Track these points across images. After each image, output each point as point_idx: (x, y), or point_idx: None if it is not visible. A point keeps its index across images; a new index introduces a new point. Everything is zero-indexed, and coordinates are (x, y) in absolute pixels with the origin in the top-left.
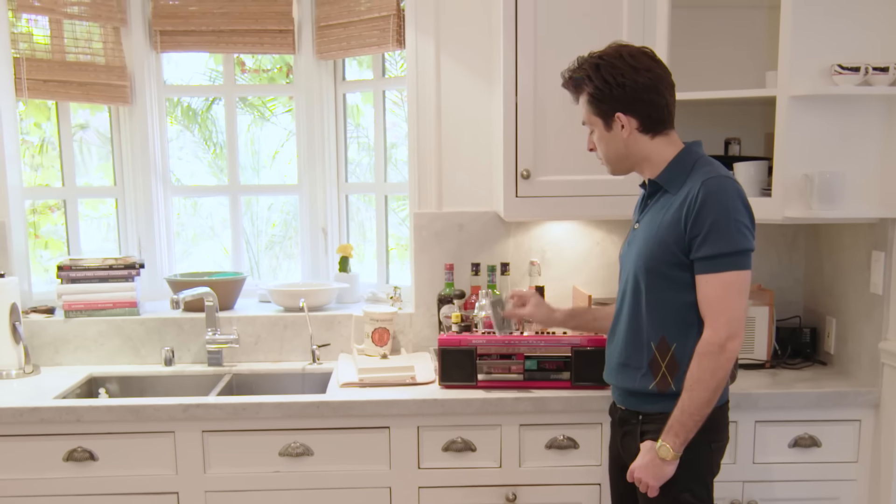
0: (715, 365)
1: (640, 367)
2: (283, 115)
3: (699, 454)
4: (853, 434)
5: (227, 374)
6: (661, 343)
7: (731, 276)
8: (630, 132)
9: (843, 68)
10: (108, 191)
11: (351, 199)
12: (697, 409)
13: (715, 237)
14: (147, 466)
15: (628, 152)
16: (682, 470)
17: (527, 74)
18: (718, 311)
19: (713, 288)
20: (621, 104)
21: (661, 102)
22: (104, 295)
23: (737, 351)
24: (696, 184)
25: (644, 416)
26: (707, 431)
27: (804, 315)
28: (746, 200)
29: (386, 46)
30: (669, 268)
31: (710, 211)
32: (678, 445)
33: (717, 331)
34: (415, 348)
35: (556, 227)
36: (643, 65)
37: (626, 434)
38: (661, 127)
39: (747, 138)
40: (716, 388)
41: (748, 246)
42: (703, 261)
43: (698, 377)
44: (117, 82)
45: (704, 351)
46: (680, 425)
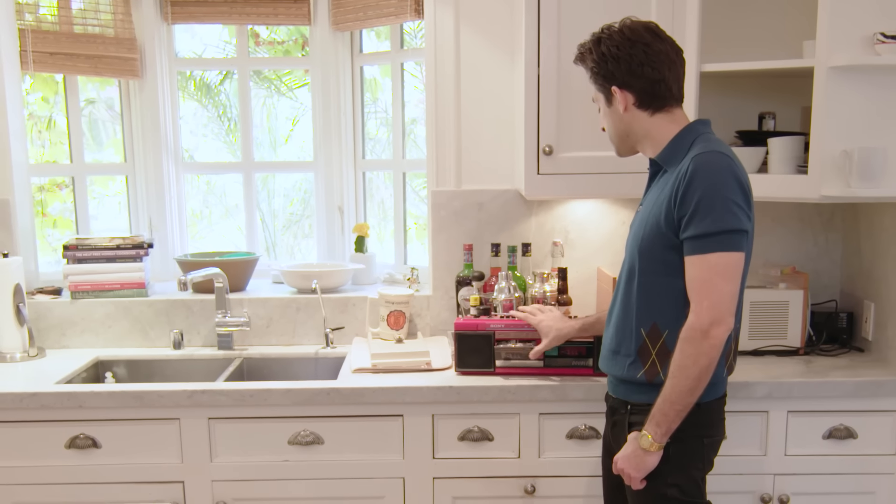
0: (697, 351)
1: (629, 355)
2: (298, 89)
3: (690, 449)
4: (891, 425)
5: (238, 358)
6: (653, 329)
7: (717, 258)
8: (627, 107)
9: (886, 37)
10: (117, 168)
11: (370, 176)
12: (679, 398)
13: (701, 216)
14: (151, 454)
15: (628, 129)
16: (670, 465)
17: (550, 45)
18: (702, 295)
19: (698, 270)
20: (616, 78)
21: (657, 77)
22: (111, 275)
23: (722, 338)
24: (687, 160)
25: (632, 407)
26: (699, 426)
27: (840, 299)
28: (742, 178)
29: (404, 16)
30: (662, 250)
31: (697, 188)
32: (660, 435)
33: (700, 315)
34: (432, 332)
35: (580, 205)
36: (641, 39)
37: (615, 424)
38: (661, 103)
39: (783, 112)
40: (698, 377)
41: (738, 226)
42: (690, 241)
43: (680, 364)
44: (127, 55)
45: (687, 337)
46: (662, 415)
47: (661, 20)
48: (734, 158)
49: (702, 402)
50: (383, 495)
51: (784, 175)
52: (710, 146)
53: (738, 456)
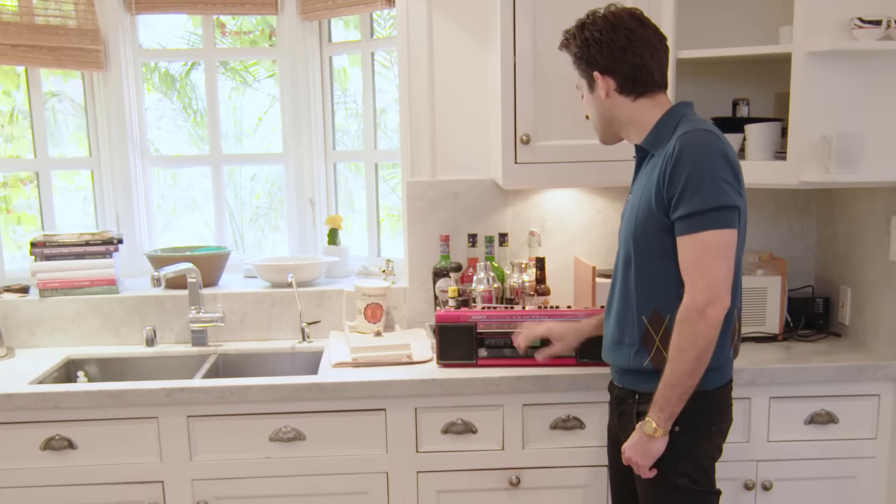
0: (694, 332)
1: (633, 344)
2: (266, 80)
3: (699, 438)
4: (872, 409)
5: (213, 354)
6: (654, 316)
7: (709, 236)
8: (609, 93)
9: (864, 21)
10: (83, 162)
11: (338, 168)
12: (680, 381)
13: (690, 194)
14: (129, 454)
15: (611, 115)
16: (680, 454)
17: (526, 32)
18: (696, 275)
19: (691, 250)
20: (599, 64)
21: (639, 63)
22: (81, 272)
23: (719, 317)
24: (674, 140)
25: (640, 396)
26: (708, 413)
27: (816, 285)
28: (730, 154)
29: (374, 5)
30: (656, 234)
31: (685, 166)
32: (663, 420)
33: (695, 296)
34: (409, 324)
35: (557, 195)
36: (624, 24)
37: (623, 414)
38: (643, 89)
39: (756, 99)
40: (697, 358)
41: (728, 202)
42: (681, 221)
43: (678, 346)
44: (90, 46)
45: (683, 318)
46: (664, 399)
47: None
48: (720, 136)
49: (709, 389)
50: (367, 490)
51: (762, 161)
52: (695, 125)
53: None
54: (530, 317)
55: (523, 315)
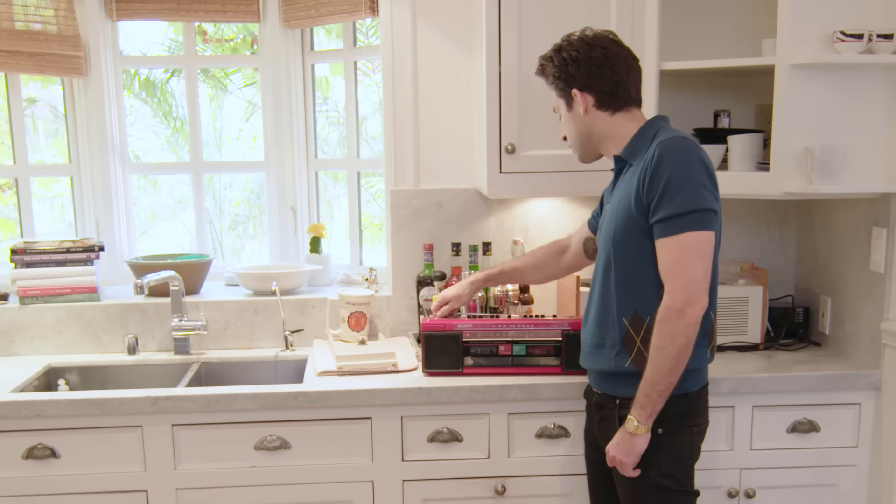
0: (674, 331)
1: (614, 346)
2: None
3: (681, 439)
4: (853, 418)
5: (196, 362)
6: (635, 317)
7: (687, 238)
8: (587, 108)
9: (846, 35)
10: (62, 169)
11: (318, 176)
12: (661, 378)
13: (669, 197)
14: (113, 463)
15: (590, 131)
16: (664, 455)
17: (511, 42)
18: (675, 275)
19: (670, 251)
20: (577, 81)
21: (616, 78)
22: (62, 280)
23: (697, 316)
24: (653, 148)
25: (621, 401)
26: (689, 415)
27: (796, 294)
28: (706, 161)
29: (358, 14)
30: (635, 238)
31: (664, 171)
32: (644, 417)
33: (674, 295)
34: (393, 333)
35: (540, 204)
36: (600, 43)
37: (604, 419)
38: (620, 104)
39: (737, 110)
40: (677, 356)
41: (706, 205)
42: (660, 223)
43: (658, 344)
44: (71, 52)
45: (663, 317)
46: (645, 397)
47: (621, 16)
48: (697, 144)
49: (689, 392)
50: (352, 499)
51: (745, 172)
52: (673, 133)
53: (706, 451)
54: (515, 325)
55: (509, 324)
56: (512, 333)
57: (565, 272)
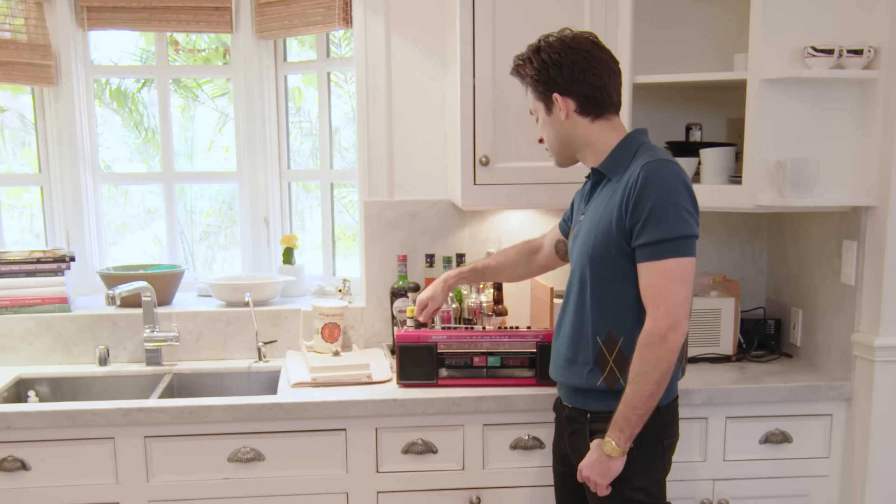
0: (657, 356)
1: (586, 363)
2: (218, 98)
3: (652, 453)
4: (825, 429)
5: (168, 373)
6: (608, 337)
7: (672, 264)
8: (568, 114)
9: (817, 50)
10: (32, 178)
11: (291, 187)
12: (641, 403)
13: (654, 223)
14: (85, 475)
15: (569, 137)
16: (636, 469)
17: (485, 55)
18: (659, 301)
19: (654, 276)
20: (558, 85)
21: (598, 83)
22: (32, 290)
23: (680, 341)
24: (636, 168)
25: (592, 415)
26: (659, 428)
27: (768, 306)
28: (690, 185)
29: (332, 25)
30: (614, 258)
31: (649, 195)
32: (623, 441)
33: (658, 321)
34: (366, 344)
35: (514, 215)
36: (582, 46)
37: (574, 433)
38: (601, 110)
39: (708, 123)
40: (658, 381)
41: (690, 232)
42: (644, 248)
43: (640, 369)
44: (41, 62)
45: (645, 342)
46: (624, 420)
47: (594, 29)
48: (680, 166)
49: (660, 406)
50: None
51: (717, 185)
52: (657, 154)
53: (679, 462)
54: (490, 337)
55: (483, 335)
56: (486, 345)
57: (537, 272)
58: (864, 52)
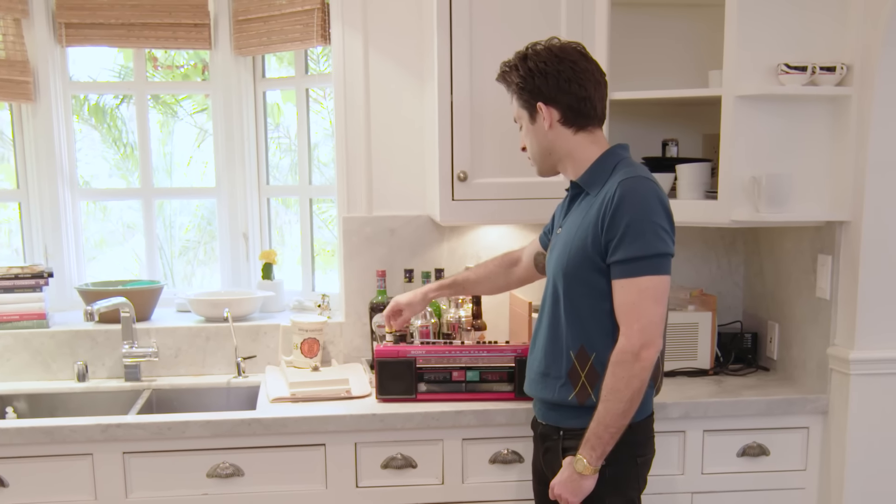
0: (629, 374)
1: (559, 377)
2: (197, 114)
3: (626, 470)
4: (801, 442)
5: (147, 389)
6: (581, 352)
7: (647, 282)
8: (552, 123)
9: (790, 67)
10: (9, 194)
11: (271, 202)
12: (613, 421)
13: (630, 240)
14: (63, 492)
15: (552, 147)
16: (608, 486)
17: (463, 71)
18: (632, 318)
19: (627, 294)
20: (543, 94)
21: (583, 94)
22: (10, 306)
23: (653, 360)
24: (613, 184)
25: (565, 432)
26: (633, 445)
27: (745, 320)
28: (666, 203)
29: (310, 42)
30: (588, 273)
31: (625, 212)
32: (595, 459)
33: (631, 339)
34: (346, 359)
35: (492, 231)
36: (569, 56)
37: (548, 450)
38: (584, 122)
39: (685, 139)
40: (631, 399)
41: (666, 250)
42: (618, 265)
43: (612, 387)
44: (19, 78)
45: (618, 360)
46: (596, 438)
47: None
48: (657, 183)
49: (633, 423)
50: None
51: (693, 200)
52: (634, 171)
53: (657, 475)
54: (468, 351)
55: (462, 350)
56: (465, 359)
57: (516, 284)
58: (837, 69)
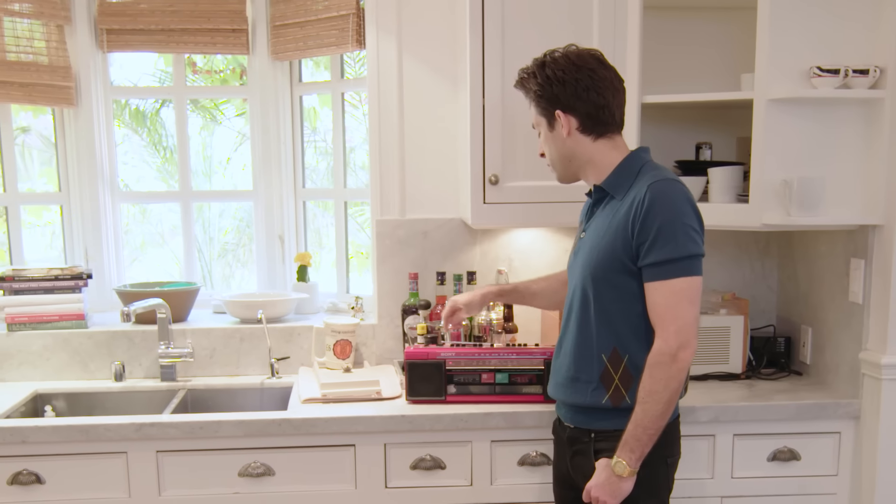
0: (667, 376)
1: (591, 381)
2: (235, 118)
3: (656, 471)
4: (833, 447)
5: (182, 389)
6: (613, 354)
7: (681, 283)
8: (570, 131)
9: (822, 70)
10: (52, 197)
11: (307, 205)
12: (652, 423)
13: (662, 243)
14: (98, 489)
15: (571, 154)
16: (640, 488)
17: (494, 75)
18: (668, 321)
19: (662, 296)
20: (561, 102)
21: (601, 102)
22: (50, 307)
23: (689, 361)
24: (642, 188)
25: (597, 434)
26: (662, 447)
27: (778, 324)
28: (695, 205)
29: (345, 47)
30: (617, 276)
31: (656, 215)
32: (634, 461)
33: (668, 340)
34: (378, 361)
35: (524, 234)
36: (587, 64)
37: (577, 453)
38: (603, 129)
39: (719, 142)
40: (669, 400)
41: (697, 251)
42: (651, 267)
43: (650, 389)
44: (61, 83)
45: (655, 362)
46: (635, 440)
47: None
48: (685, 185)
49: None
50: None
51: (725, 204)
52: (661, 173)
53: (687, 479)
54: (498, 354)
55: (491, 353)
56: (494, 362)
57: None
58: (870, 71)
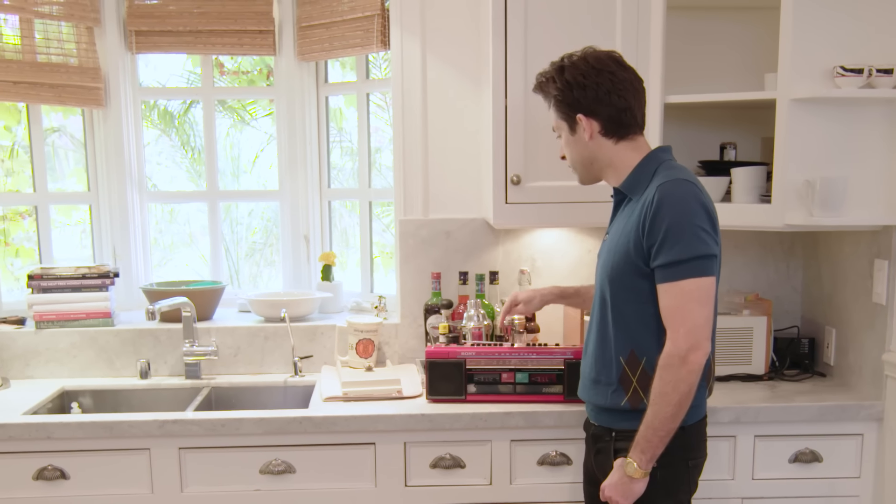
0: (676, 378)
1: (610, 383)
2: (263, 118)
3: (677, 473)
4: (855, 449)
5: (206, 387)
6: (631, 357)
7: (690, 284)
8: (592, 135)
9: (846, 70)
10: (81, 197)
11: (333, 205)
12: (661, 424)
13: (671, 243)
14: (121, 485)
15: (593, 157)
16: (659, 489)
17: (517, 76)
18: (678, 322)
19: (672, 297)
20: (582, 106)
21: (623, 105)
22: (77, 305)
23: (701, 363)
24: (652, 189)
25: (617, 434)
26: (684, 449)
27: (802, 325)
28: (706, 204)
29: (370, 47)
30: (632, 278)
31: (665, 216)
32: (645, 462)
33: (678, 342)
34: (400, 360)
35: (547, 234)
36: (607, 67)
37: (600, 452)
38: (625, 131)
39: (743, 143)
40: (679, 402)
41: (707, 251)
42: (661, 269)
43: (660, 391)
44: (91, 84)
45: (665, 363)
46: (646, 441)
47: (625, 52)
48: (698, 184)
49: (685, 425)
50: None
51: (748, 204)
52: (674, 174)
53: (707, 480)
54: (518, 354)
55: (512, 352)
56: (514, 361)
57: None
58: (895, 71)
